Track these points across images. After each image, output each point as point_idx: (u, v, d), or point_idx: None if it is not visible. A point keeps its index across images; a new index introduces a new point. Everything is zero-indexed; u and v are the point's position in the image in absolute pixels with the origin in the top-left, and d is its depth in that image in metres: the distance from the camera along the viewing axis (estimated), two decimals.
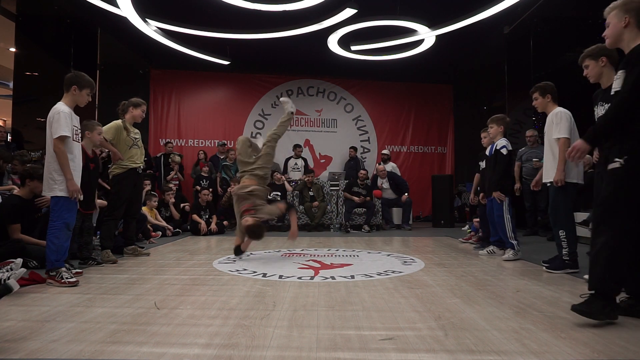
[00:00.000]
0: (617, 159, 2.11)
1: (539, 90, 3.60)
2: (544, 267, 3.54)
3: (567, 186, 3.36)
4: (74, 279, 2.94)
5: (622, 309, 2.21)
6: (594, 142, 2.27)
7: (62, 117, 2.98)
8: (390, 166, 8.44)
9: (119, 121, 4.18)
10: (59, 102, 3.11)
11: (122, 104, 4.29)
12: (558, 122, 3.39)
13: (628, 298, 2.27)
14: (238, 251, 4.24)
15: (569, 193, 3.38)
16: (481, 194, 4.79)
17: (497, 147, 4.23)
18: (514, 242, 4.10)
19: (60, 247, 2.98)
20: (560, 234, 3.43)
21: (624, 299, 2.28)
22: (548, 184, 3.53)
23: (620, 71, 2.20)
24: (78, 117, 3.22)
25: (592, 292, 2.10)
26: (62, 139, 2.97)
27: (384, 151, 8.90)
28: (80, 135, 3.25)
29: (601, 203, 2.17)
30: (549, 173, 3.47)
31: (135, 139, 4.25)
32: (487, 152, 4.52)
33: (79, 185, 3.11)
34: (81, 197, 3.21)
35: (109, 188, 4.44)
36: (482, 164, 4.84)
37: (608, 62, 2.78)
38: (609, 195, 2.11)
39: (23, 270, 2.77)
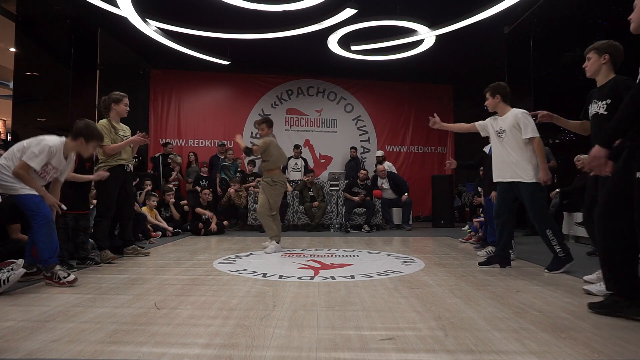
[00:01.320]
0: None
1: (490, 90, 3.70)
2: (545, 271, 3.53)
3: (540, 184, 3.43)
4: (72, 278, 2.92)
5: (606, 307, 2.19)
6: (611, 143, 2.09)
7: (45, 152, 2.90)
8: (387, 165, 8.46)
9: (105, 121, 4.02)
10: (57, 138, 3.02)
11: (103, 100, 4.12)
12: (526, 122, 3.42)
13: (611, 295, 2.23)
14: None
15: (545, 192, 3.43)
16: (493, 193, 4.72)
17: None
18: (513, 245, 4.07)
19: (50, 243, 2.92)
20: (548, 234, 3.41)
21: (606, 296, 2.25)
22: (511, 182, 3.55)
23: None
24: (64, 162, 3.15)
25: None
26: (27, 168, 2.86)
27: (378, 153, 8.98)
28: (49, 175, 3.08)
29: None
30: (517, 172, 3.49)
31: (124, 136, 4.13)
32: (487, 151, 4.44)
33: (69, 187, 3.12)
34: (63, 207, 3.17)
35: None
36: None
37: (610, 60, 2.72)
38: None
39: (23, 270, 2.77)
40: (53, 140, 2.99)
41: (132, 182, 4.34)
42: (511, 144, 3.52)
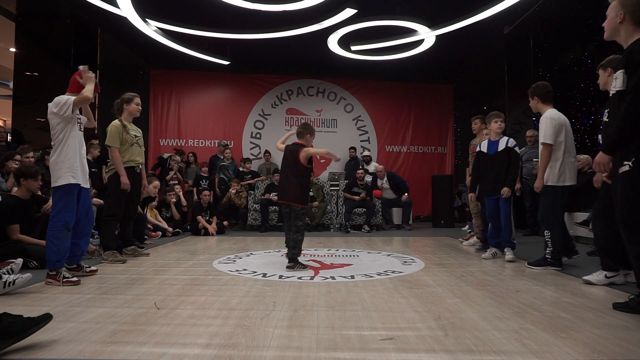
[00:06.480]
0: (625, 162, 2.06)
1: (530, 91, 3.65)
2: (526, 264, 3.70)
3: (557, 189, 3.43)
4: (74, 279, 2.94)
5: (630, 307, 2.24)
6: (612, 150, 2.20)
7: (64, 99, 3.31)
8: (374, 165, 8.53)
9: (117, 122, 4.05)
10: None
11: (116, 103, 4.20)
12: (541, 127, 3.43)
13: (637, 295, 2.29)
14: None
15: (558, 195, 3.44)
16: (471, 195, 4.68)
17: (510, 145, 4.14)
18: (515, 241, 4.16)
19: (61, 247, 2.96)
20: (545, 234, 3.54)
21: (632, 297, 2.30)
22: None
23: (620, 71, 2.16)
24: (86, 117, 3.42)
25: None
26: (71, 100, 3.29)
27: (365, 152, 9.16)
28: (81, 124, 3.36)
29: (620, 210, 2.13)
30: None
31: (136, 137, 4.18)
32: (484, 149, 4.31)
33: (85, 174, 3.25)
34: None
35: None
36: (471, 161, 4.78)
37: (613, 72, 2.87)
38: (626, 202, 2.08)
39: (29, 275, 2.76)
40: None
41: (140, 182, 4.34)
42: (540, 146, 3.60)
